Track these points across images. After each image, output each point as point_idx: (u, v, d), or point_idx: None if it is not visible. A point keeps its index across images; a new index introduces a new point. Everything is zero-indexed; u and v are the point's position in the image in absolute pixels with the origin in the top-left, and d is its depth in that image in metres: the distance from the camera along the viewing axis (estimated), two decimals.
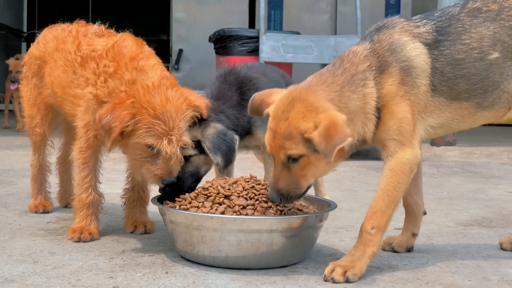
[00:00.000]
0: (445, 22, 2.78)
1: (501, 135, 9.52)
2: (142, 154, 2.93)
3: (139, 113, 2.86)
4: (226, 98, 3.26)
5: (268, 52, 7.56)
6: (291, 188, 2.63)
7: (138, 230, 3.31)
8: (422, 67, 2.70)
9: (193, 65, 13.41)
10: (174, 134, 2.87)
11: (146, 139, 2.87)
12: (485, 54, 2.76)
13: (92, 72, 3.10)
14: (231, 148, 3.04)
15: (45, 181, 3.85)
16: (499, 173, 6.20)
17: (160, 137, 2.86)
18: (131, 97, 2.89)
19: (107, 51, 3.11)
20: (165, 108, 2.87)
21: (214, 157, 2.99)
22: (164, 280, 2.55)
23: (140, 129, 2.87)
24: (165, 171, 2.91)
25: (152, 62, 3.07)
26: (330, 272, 2.58)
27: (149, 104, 2.87)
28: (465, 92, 2.77)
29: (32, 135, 3.76)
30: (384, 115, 2.68)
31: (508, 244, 3.12)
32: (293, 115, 2.54)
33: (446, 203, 4.40)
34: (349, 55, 2.73)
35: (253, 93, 2.90)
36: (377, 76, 2.68)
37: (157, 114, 2.86)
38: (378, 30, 2.77)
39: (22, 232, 3.28)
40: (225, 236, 2.66)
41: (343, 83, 2.65)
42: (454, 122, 2.82)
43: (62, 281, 2.51)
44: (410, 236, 3.05)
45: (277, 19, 13.70)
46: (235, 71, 3.43)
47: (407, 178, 2.68)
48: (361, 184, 5.30)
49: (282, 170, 2.61)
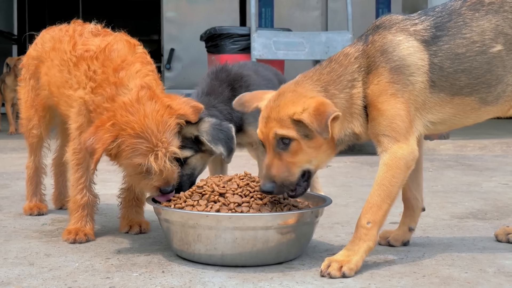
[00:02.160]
0: (445, 17, 2.78)
1: (494, 127, 9.53)
2: (136, 171, 2.94)
3: (120, 135, 2.87)
4: (217, 94, 3.27)
5: (259, 50, 7.56)
6: (283, 176, 2.65)
7: (133, 230, 3.30)
8: (416, 65, 2.70)
9: (185, 64, 13.39)
10: (160, 148, 2.87)
11: (133, 159, 2.88)
12: (487, 47, 2.75)
13: (83, 73, 3.10)
14: (229, 136, 3.05)
15: (40, 183, 3.85)
16: (493, 165, 6.21)
17: (146, 155, 2.86)
18: (111, 118, 2.89)
19: (98, 54, 3.10)
20: (145, 125, 2.86)
21: (216, 148, 3.00)
22: (160, 279, 2.54)
23: (125, 150, 2.88)
24: (162, 182, 2.92)
25: (134, 69, 3.04)
26: (326, 267, 2.59)
27: (128, 124, 2.86)
28: (467, 87, 2.75)
29: (29, 137, 3.75)
30: (371, 112, 2.71)
31: (504, 236, 3.13)
32: (283, 102, 2.65)
33: (440, 196, 4.40)
34: (340, 57, 2.78)
35: (244, 90, 2.92)
36: (365, 77, 2.72)
37: (138, 133, 2.86)
38: (374, 30, 2.78)
39: (17, 235, 3.27)
40: (221, 234, 2.66)
41: (328, 82, 2.72)
42: (457, 118, 2.81)
43: (58, 283, 2.50)
44: (406, 231, 3.05)
45: (268, 16, 13.69)
46: (227, 68, 3.44)
47: (403, 173, 2.68)
48: (356, 179, 5.30)
49: (274, 157, 2.66)
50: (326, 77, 2.72)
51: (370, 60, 2.72)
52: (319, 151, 2.68)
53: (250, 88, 3.26)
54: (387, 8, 13.67)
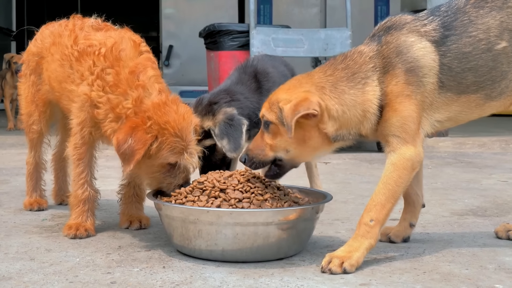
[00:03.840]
0: (451, 17, 2.78)
1: (492, 125, 9.55)
2: (161, 171, 2.97)
3: (160, 134, 2.89)
4: (246, 85, 3.45)
5: (258, 47, 7.55)
6: (256, 152, 2.78)
7: (134, 225, 3.30)
8: (429, 66, 2.72)
9: (183, 61, 13.38)
10: (191, 147, 2.95)
11: (169, 158, 2.92)
12: (492, 44, 2.75)
13: (87, 69, 3.09)
14: (238, 131, 3.09)
15: (40, 179, 3.84)
16: (492, 162, 6.21)
17: (181, 153, 2.92)
18: (148, 119, 2.91)
19: (105, 52, 3.08)
20: (180, 124, 2.92)
21: (220, 142, 3.06)
22: (161, 275, 2.55)
23: (162, 149, 2.91)
24: (186, 179, 2.98)
25: (149, 74, 3.05)
26: (327, 263, 2.59)
27: (168, 123, 2.90)
28: (473, 84, 2.76)
29: (29, 133, 3.75)
30: (386, 113, 2.72)
31: (504, 233, 3.13)
32: (283, 87, 2.78)
33: (440, 193, 4.41)
34: (354, 54, 2.80)
35: (270, 84, 3.10)
36: (381, 76, 2.73)
37: (176, 132, 2.91)
38: (386, 31, 2.79)
39: (18, 230, 3.27)
40: (222, 229, 2.66)
41: (341, 78, 2.75)
42: (462, 115, 2.83)
43: (59, 278, 2.51)
44: (407, 227, 3.06)
45: (267, 13, 13.68)
46: (252, 64, 3.63)
47: (409, 175, 2.70)
48: (355, 176, 5.30)
49: (259, 135, 2.80)
50: (340, 73, 2.75)
51: (385, 60, 2.73)
52: (301, 144, 2.74)
53: (275, 84, 3.40)
54: (386, 5, 13.67)
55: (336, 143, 2.78)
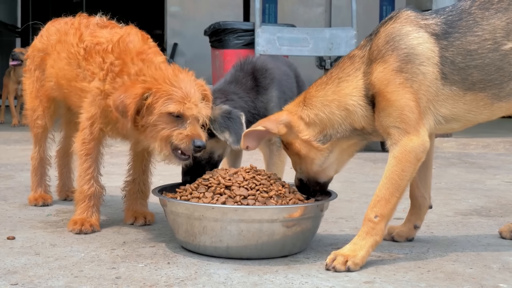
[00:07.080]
0: (456, 16, 2.78)
1: (497, 126, 9.53)
2: (168, 126, 2.89)
3: (153, 86, 2.87)
4: (241, 83, 3.32)
5: (263, 45, 7.56)
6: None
7: (138, 221, 3.31)
8: (427, 55, 2.69)
9: (188, 59, 13.37)
10: (193, 98, 2.89)
11: (168, 107, 2.85)
12: (499, 45, 2.74)
13: (97, 66, 3.10)
14: (238, 123, 3.06)
15: (45, 174, 3.85)
16: (496, 163, 6.21)
17: (182, 102, 2.86)
18: (141, 75, 2.91)
19: (113, 47, 3.10)
20: (178, 77, 2.90)
21: (221, 135, 3.02)
22: (166, 271, 2.55)
23: (159, 100, 2.86)
24: (196, 132, 2.88)
25: (159, 59, 3.06)
26: (331, 261, 2.59)
27: (162, 75, 2.89)
28: (480, 82, 2.74)
29: (34, 128, 3.75)
30: (379, 103, 2.70)
31: (508, 233, 3.13)
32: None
33: (444, 193, 4.41)
34: (345, 59, 2.85)
35: (268, 81, 3.06)
36: (367, 68, 2.74)
37: (172, 82, 2.87)
38: (382, 24, 2.79)
39: (23, 225, 3.28)
40: (226, 226, 2.66)
41: (320, 84, 2.84)
42: (470, 114, 2.78)
43: (64, 272, 2.51)
44: (411, 228, 3.05)
45: (272, 12, 13.70)
46: (252, 61, 3.50)
47: (413, 166, 2.68)
48: (359, 175, 5.31)
49: None
50: (323, 79, 2.85)
51: (373, 49, 2.73)
52: (300, 158, 2.87)
53: (273, 80, 3.35)
54: (391, 5, 13.68)
55: (336, 144, 2.79)
